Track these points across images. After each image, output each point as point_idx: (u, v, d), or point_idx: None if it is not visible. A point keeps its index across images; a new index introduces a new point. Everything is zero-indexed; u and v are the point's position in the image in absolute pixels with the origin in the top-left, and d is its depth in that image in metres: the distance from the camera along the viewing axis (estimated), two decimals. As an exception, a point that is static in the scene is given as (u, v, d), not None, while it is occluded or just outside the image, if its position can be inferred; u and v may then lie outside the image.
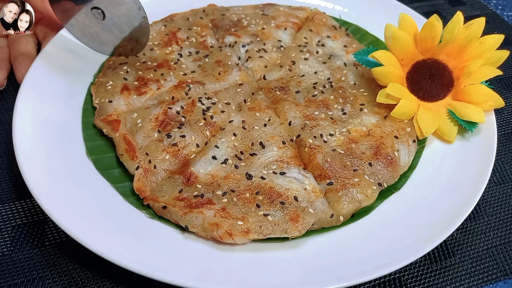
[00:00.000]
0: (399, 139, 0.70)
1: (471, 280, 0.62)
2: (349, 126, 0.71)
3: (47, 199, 0.59)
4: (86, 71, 0.82)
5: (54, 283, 0.59)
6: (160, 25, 0.91)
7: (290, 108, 0.74)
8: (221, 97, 0.76)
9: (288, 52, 0.86)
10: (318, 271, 0.56)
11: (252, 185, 0.63)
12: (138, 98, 0.76)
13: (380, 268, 0.55)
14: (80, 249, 0.58)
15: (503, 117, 0.85)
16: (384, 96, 0.72)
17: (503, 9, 1.15)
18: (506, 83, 0.92)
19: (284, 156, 0.67)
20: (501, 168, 0.76)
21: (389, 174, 0.66)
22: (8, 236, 0.64)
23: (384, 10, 0.94)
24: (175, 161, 0.67)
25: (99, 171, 0.67)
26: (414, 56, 0.76)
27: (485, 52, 0.73)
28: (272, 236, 0.59)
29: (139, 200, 0.63)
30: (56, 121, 0.72)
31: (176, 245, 0.58)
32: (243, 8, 0.97)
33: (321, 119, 0.73)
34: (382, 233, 0.61)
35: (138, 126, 0.70)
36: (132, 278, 0.59)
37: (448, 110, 0.74)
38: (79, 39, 0.81)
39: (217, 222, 0.58)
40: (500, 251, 0.65)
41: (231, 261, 0.57)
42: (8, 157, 0.74)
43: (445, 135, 0.72)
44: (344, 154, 0.67)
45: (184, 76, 0.80)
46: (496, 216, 0.69)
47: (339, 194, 0.63)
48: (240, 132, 0.70)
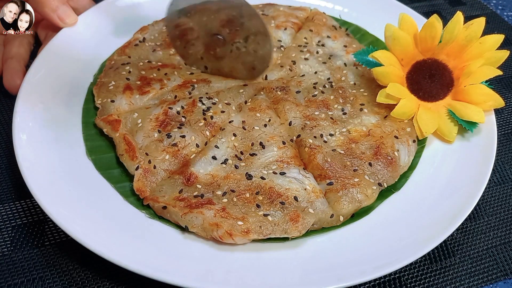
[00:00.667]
0: (399, 139, 0.70)
1: (471, 280, 0.62)
2: (349, 126, 0.71)
3: (47, 199, 0.59)
4: (86, 71, 0.82)
5: (54, 283, 0.59)
6: (161, 25, 0.91)
7: (290, 108, 0.74)
8: (222, 97, 0.76)
9: (288, 52, 0.86)
10: (318, 271, 0.56)
11: (252, 185, 0.63)
12: (140, 97, 0.76)
13: (380, 268, 0.55)
14: (80, 249, 0.58)
15: (503, 117, 0.85)
16: (384, 96, 0.72)
17: (503, 9, 1.15)
18: (506, 83, 0.92)
19: (284, 156, 0.67)
20: (501, 168, 0.76)
21: (389, 174, 0.66)
22: (8, 236, 0.64)
23: (384, 10, 0.94)
24: (175, 161, 0.67)
25: (99, 171, 0.67)
26: (414, 56, 0.76)
27: (485, 52, 0.73)
28: (272, 236, 0.59)
29: (139, 200, 0.64)
30: (56, 121, 0.72)
31: (176, 245, 0.58)
32: (243, 8, 0.97)
33: (321, 119, 0.73)
34: (382, 233, 0.61)
35: (138, 126, 0.70)
36: (132, 278, 0.59)
37: (448, 110, 0.74)
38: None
39: (217, 222, 0.58)
40: (500, 251, 0.65)
41: (231, 261, 0.57)
42: (8, 157, 0.74)
43: (445, 135, 0.72)
44: (344, 154, 0.67)
45: (190, 76, 0.80)
46: (496, 216, 0.69)
47: (339, 194, 0.63)
48: (240, 132, 0.70)
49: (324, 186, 0.64)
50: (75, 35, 0.86)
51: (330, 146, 0.69)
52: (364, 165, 0.66)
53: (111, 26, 0.91)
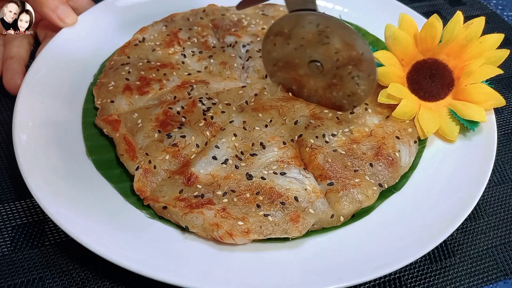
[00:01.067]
0: (401, 139, 0.70)
1: (471, 280, 0.62)
2: (352, 126, 0.71)
3: (47, 199, 0.59)
4: (86, 71, 0.82)
5: (54, 283, 0.59)
6: (161, 26, 0.91)
7: (300, 107, 0.74)
8: (222, 97, 0.76)
9: (288, 52, 0.86)
10: (318, 271, 0.56)
11: (252, 185, 0.63)
12: (140, 98, 0.76)
13: (380, 268, 0.55)
14: (80, 249, 0.57)
15: (503, 117, 0.85)
16: (385, 96, 0.72)
17: (503, 9, 1.15)
18: (506, 83, 0.92)
19: (285, 156, 0.67)
20: (501, 168, 0.76)
21: (389, 175, 0.66)
22: (8, 236, 0.64)
23: (384, 10, 0.94)
24: (175, 161, 0.67)
25: (99, 171, 0.67)
26: (414, 56, 0.76)
27: (485, 52, 0.73)
28: (273, 237, 0.59)
29: (140, 200, 0.63)
30: (56, 121, 0.72)
31: (176, 245, 0.58)
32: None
33: (327, 118, 0.72)
34: (382, 233, 0.61)
35: (139, 126, 0.70)
36: (132, 278, 0.59)
37: (449, 110, 0.74)
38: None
39: (217, 222, 0.58)
40: (500, 251, 0.65)
41: (231, 261, 0.57)
42: (8, 157, 0.74)
43: (447, 135, 0.72)
44: (345, 155, 0.67)
45: (188, 76, 0.80)
46: (496, 216, 0.69)
47: (339, 194, 0.63)
48: (240, 132, 0.70)
49: (324, 187, 0.64)
50: (75, 35, 0.86)
51: (331, 146, 0.69)
52: (365, 166, 0.66)
53: (111, 26, 0.91)
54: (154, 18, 0.92)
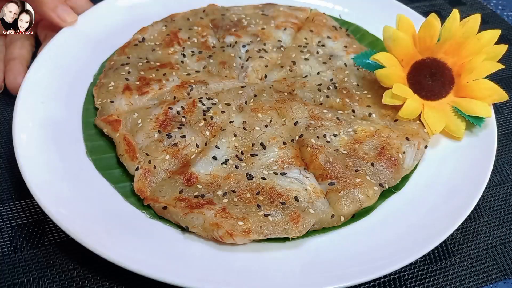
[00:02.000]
0: (410, 141, 0.69)
1: (471, 280, 0.62)
2: (356, 126, 0.71)
3: (47, 199, 0.59)
4: (86, 71, 0.82)
5: (54, 283, 0.59)
6: (161, 26, 0.91)
7: (298, 108, 0.74)
8: (221, 98, 0.76)
9: (288, 52, 0.86)
10: (318, 271, 0.56)
11: (252, 186, 0.63)
12: (139, 98, 0.76)
13: (380, 268, 0.55)
14: (80, 249, 0.57)
15: (503, 117, 0.85)
16: (389, 97, 0.72)
17: (503, 9, 1.15)
18: (506, 82, 0.92)
19: (285, 156, 0.67)
20: (501, 168, 0.76)
21: (391, 175, 0.66)
22: (8, 236, 0.64)
23: (384, 10, 0.94)
24: (175, 162, 0.67)
25: (99, 171, 0.67)
26: (413, 56, 0.76)
27: (482, 48, 0.73)
28: (273, 237, 0.59)
29: (140, 201, 0.63)
30: (56, 121, 0.72)
31: (176, 245, 0.58)
32: (243, 8, 0.97)
33: (327, 119, 0.72)
34: (382, 233, 0.61)
35: (139, 126, 0.70)
36: (132, 278, 0.59)
37: (454, 107, 0.74)
38: None
39: (217, 222, 0.58)
40: (500, 251, 0.65)
41: (231, 261, 0.57)
42: (8, 157, 0.74)
43: (454, 132, 0.72)
44: (346, 155, 0.67)
45: (187, 76, 0.80)
46: (496, 216, 0.69)
47: (340, 194, 0.63)
48: (240, 132, 0.70)
49: (325, 186, 0.64)
50: (75, 35, 0.86)
51: (333, 146, 0.68)
52: (366, 166, 0.66)
53: (111, 26, 0.90)
54: (154, 18, 0.92)
